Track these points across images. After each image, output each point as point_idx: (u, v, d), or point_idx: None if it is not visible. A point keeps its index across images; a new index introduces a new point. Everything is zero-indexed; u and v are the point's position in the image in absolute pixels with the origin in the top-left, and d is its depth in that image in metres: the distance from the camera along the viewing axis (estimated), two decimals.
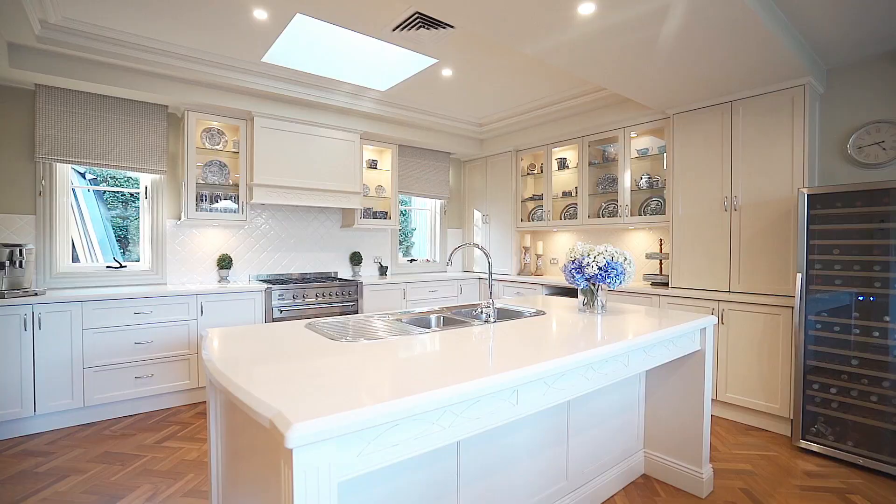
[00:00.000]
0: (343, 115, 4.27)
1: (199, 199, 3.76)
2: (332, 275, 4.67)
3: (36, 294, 2.94)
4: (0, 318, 2.76)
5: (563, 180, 4.87)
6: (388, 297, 4.47)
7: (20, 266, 2.93)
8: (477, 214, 5.57)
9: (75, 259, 3.58)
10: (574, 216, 4.61)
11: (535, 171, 5.05)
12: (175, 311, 3.34)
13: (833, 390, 2.65)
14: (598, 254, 2.37)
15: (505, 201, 5.18)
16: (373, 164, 4.79)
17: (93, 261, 3.75)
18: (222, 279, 3.99)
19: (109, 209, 4.03)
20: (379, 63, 3.61)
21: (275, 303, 3.76)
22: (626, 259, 2.38)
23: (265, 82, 3.68)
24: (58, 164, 3.33)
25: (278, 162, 3.92)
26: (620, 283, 2.34)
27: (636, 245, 4.33)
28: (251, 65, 3.52)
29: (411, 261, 5.42)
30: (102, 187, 3.96)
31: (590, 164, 4.40)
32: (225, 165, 3.91)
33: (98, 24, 2.93)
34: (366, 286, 4.30)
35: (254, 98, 3.75)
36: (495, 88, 4.09)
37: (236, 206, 3.89)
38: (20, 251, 2.93)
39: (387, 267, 4.97)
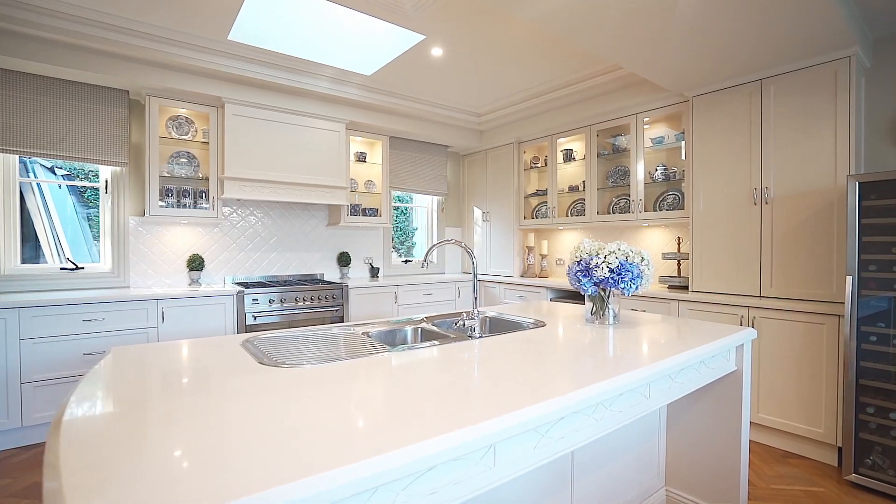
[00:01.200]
0: (326, 103, 3.90)
1: (165, 193, 3.41)
2: (318, 277, 4.30)
3: None
4: None
5: (569, 174, 4.46)
6: (377, 301, 4.09)
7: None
8: (477, 212, 5.18)
9: (36, 260, 3.24)
10: (582, 213, 4.20)
11: (539, 165, 4.64)
12: (132, 317, 2.98)
13: (893, 415, 2.21)
14: (610, 253, 1.96)
15: (506, 198, 4.78)
16: (361, 157, 4.42)
17: (60, 261, 3.41)
18: (193, 282, 3.63)
19: (85, 206, 3.69)
20: (362, 44, 3.24)
21: (248, 308, 3.39)
22: (643, 259, 1.98)
23: (235, 64, 3.32)
24: (2, 153, 2.99)
25: (252, 154, 3.56)
26: (636, 288, 1.93)
27: (651, 244, 3.91)
28: (218, 44, 3.16)
29: (406, 262, 5.04)
30: (54, 181, 3.62)
31: (598, 155, 3.98)
32: (194, 157, 3.55)
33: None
34: (352, 289, 3.92)
35: (224, 82, 3.39)
36: (492, 72, 3.69)
37: (206, 201, 3.53)
38: None
39: (378, 268, 4.59)
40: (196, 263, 3.60)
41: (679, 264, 3.58)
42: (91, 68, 2.95)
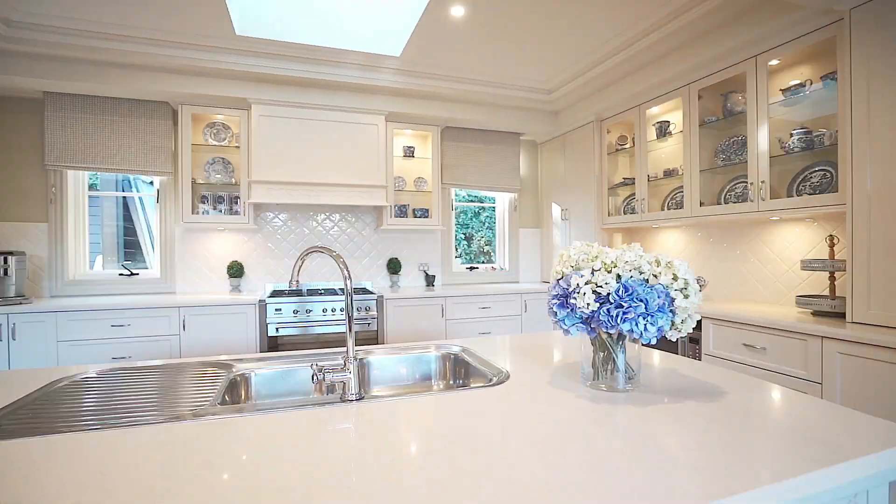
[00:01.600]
0: (358, 94, 3.54)
1: (201, 200, 3.43)
2: (361, 286, 3.97)
3: (21, 303, 2.86)
4: None
5: (665, 154, 3.35)
6: (421, 315, 3.57)
7: (5, 273, 2.87)
8: (556, 210, 4.30)
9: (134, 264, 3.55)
10: (682, 205, 3.08)
11: (627, 146, 3.60)
12: (155, 324, 2.99)
13: None
14: (611, 263, 1.13)
15: (586, 190, 3.83)
16: (409, 153, 3.96)
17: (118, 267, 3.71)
18: (234, 289, 3.60)
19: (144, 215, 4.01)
20: (375, 23, 2.79)
21: (270, 319, 3.19)
22: (675, 278, 1.10)
23: (253, 62, 3.16)
24: (67, 170, 3.29)
25: (280, 155, 3.37)
26: (660, 330, 1.07)
27: (785, 247, 2.65)
28: (232, 41, 3.02)
29: (471, 269, 4.42)
30: (111, 193, 3.95)
31: (702, 124, 2.85)
32: (229, 163, 3.52)
33: (66, 17, 2.72)
34: (388, 301, 3.48)
35: (247, 82, 3.27)
36: (543, 34, 2.89)
37: (240, 207, 3.46)
38: (5, 259, 2.87)
39: (434, 276, 4.08)
40: (234, 270, 3.56)
41: (832, 278, 2.29)
42: (127, 83, 3.06)
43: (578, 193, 3.93)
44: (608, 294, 1.08)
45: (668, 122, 3.23)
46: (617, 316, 1.06)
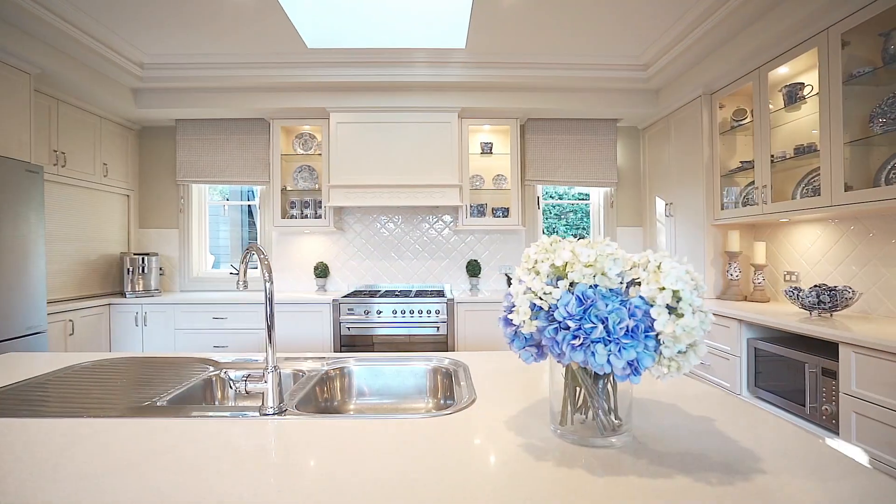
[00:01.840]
0: (429, 92, 3.47)
1: (291, 205, 3.72)
2: (436, 288, 3.89)
3: (152, 296, 3.44)
4: (121, 313, 3.31)
5: (794, 128, 2.59)
6: (495, 320, 3.36)
7: (143, 271, 3.48)
8: (660, 204, 3.67)
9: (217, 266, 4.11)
10: (818, 191, 2.32)
11: (745, 120, 2.87)
12: (247, 318, 3.33)
13: None
14: (564, 264, 0.83)
15: (693, 179, 3.18)
16: (487, 149, 3.76)
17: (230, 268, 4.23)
18: (319, 288, 3.84)
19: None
20: (430, 18, 2.70)
21: (343, 318, 3.31)
22: (663, 288, 0.75)
23: (328, 72, 3.31)
24: (192, 184, 3.86)
25: (356, 159, 3.48)
26: (638, 365, 0.74)
27: None
28: (306, 55, 3.21)
29: None
30: (227, 202, 4.47)
31: (848, 79, 2.11)
32: (314, 170, 3.76)
33: (182, 54, 3.18)
34: (459, 304, 3.34)
35: (325, 92, 3.44)
36: None
37: (322, 211, 3.67)
38: (143, 259, 3.48)
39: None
40: (320, 271, 3.79)
41: None
42: (232, 104, 3.47)
43: (685, 184, 3.28)
44: (553, 309, 0.79)
45: (802, 84, 2.47)
46: (564, 341, 0.77)
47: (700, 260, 3.10)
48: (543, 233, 4.14)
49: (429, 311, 3.30)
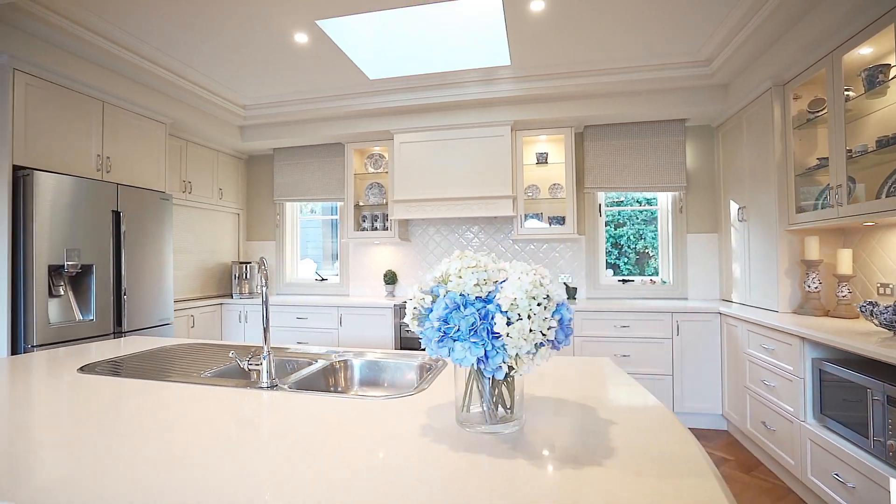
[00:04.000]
0: (481, 109, 3.64)
1: (362, 219, 4.15)
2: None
3: (252, 298, 4.10)
4: (229, 311, 4.02)
5: (880, 117, 2.23)
6: None
7: (246, 277, 4.17)
8: (733, 209, 3.35)
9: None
10: None
11: (822, 112, 2.53)
12: (324, 319, 3.80)
13: None
14: (442, 275, 0.98)
15: (765, 180, 2.88)
16: (542, 159, 3.79)
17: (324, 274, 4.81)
18: (388, 294, 4.20)
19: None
20: (477, 38, 2.88)
21: (403, 321, 3.61)
22: (526, 292, 0.86)
23: (389, 98, 3.66)
24: (286, 202, 4.52)
25: (416, 175, 3.78)
26: (488, 360, 0.86)
27: None
28: (369, 86, 3.59)
29: (624, 281, 3.87)
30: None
31: None
32: (382, 186, 4.14)
33: (273, 94, 3.80)
34: None
35: (389, 116, 3.80)
36: None
37: (388, 223, 4.03)
38: (246, 267, 4.17)
39: (575, 289, 3.76)
40: (389, 278, 4.15)
41: None
42: (316, 132, 4.02)
43: (757, 185, 2.97)
44: (427, 312, 0.93)
45: (887, 66, 2.14)
46: (431, 339, 0.91)
47: (772, 269, 2.78)
48: (606, 241, 4.02)
49: None
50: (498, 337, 0.85)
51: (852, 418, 1.90)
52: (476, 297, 0.91)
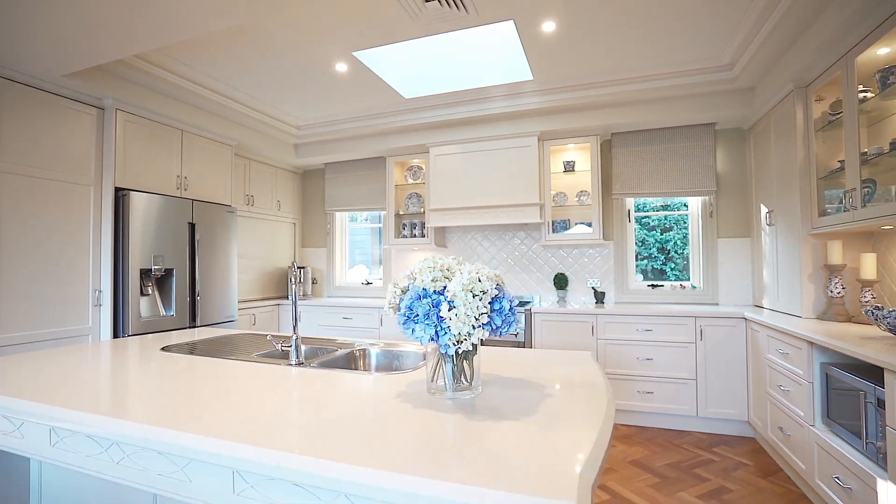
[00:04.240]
0: (508, 121, 3.85)
1: (402, 227, 4.49)
2: (527, 300, 4.16)
3: (304, 299, 4.57)
4: (285, 311, 4.51)
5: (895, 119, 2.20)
6: (570, 331, 3.52)
7: (300, 281, 4.65)
8: (763, 213, 3.31)
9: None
10: None
11: (840, 114, 2.50)
12: (367, 319, 4.17)
13: None
14: (411, 273, 1.24)
15: (789, 183, 2.86)
16: (569, 167, 3.93)
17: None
18: None
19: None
20: (502, 57, 3.13)
21: None
22: (464, 286, 1.11)
23: (425, 114, 3.98)
24: (335, 212, 4.97)
25: (450, 185, 4.06)
26: (439, 338, 1.12)
27: None
28: (405, 104, 3.93)
29: (654, 286, 3.90)
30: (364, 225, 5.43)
31: None
32: (420, 196, 4.46)
33: (323, 114, 4.26)
34: (536, 314, 3.60)
35: (424, 131, 4.12)
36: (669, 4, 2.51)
37: (425, 230, 4.34)
38: (301, 270, 4.66)
39: (604, 293, 3.86)
40: None
41: None
42: (360, 148, 4.44)
43: (783, 188, 2.95)
44: (399, 303, 1.20)
45: None
46: (400, 322, 1.17)
47: (797, 274, 2.75)
48: (636, 245, 4.06)
49: None
50: (443, 320, 1.10)
51: (852, 422, 1.91)
52: (434, 291, 1.16)
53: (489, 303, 1.12)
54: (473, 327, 1.08)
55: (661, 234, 4.99)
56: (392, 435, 0.92)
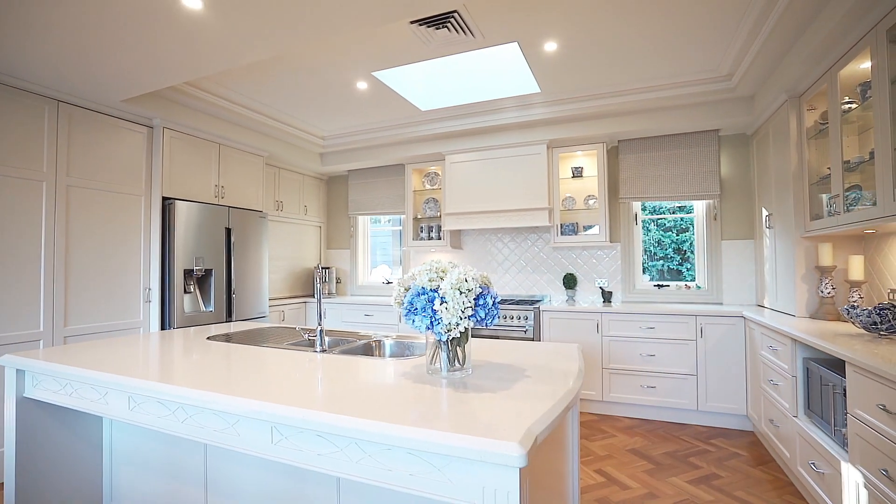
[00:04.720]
0: (518, 130, 4.07)
1: (420, 230, 4.76)
2: (538, 299, 4.37)
3: (330, 297, 4.91)
4: (311, 308, 4.85)
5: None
6: (576, 328, 3.72)
7: (325, 280, 4.99)
8: (764, 216, 3.43)
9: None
10: None
11: (827, 124, 2.63)
12: (386, 316, 4.47)
13: None
14: (410, 276, 1.50)
15: (785, 188, 2.99)
16: (577, 173, 4.12)
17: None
18: None
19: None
20: (509, 73, 3.36)
21: None
22: (453, 285, 1.37)
23: (441, 125, 4.24)
24: (358, 216, 5.29)
25: (463, 191, 4.31)
26: (436, 327, 1.38)
27: None
28: (422, 115, 4.20)
29: (659, 286, 4.05)
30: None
31: None
32: (437, 201, 4.72)
33: (360, 125, 4.58)
34: (544, 312, 3.82)
35: (441, 140, 4.38)
36: (665, 21, 2.69)
37: (441, 233, 4.60)
38: (326, 271, 4.99)
39: (611, 293, 4.04)
40: None
41: None
42: (380, 156, 4.74)
43: (781, 193, 3.07)
44: (402, 299, 1.46)
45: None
46: (403, 314, 1.43)
47: (791, 275, 2.88)
48: (652, 246, 4.22)
49: (519, 317, 3.87)
50: (437, 313, 1.35)
51: (825, 412, 2.07)
52: (432, 289, 1.42)
53: (475, 299, 1.37)
54: (461, 318, 1.33)
55: (678, 235, 5.11)
56: (393, 401, 1.18)
